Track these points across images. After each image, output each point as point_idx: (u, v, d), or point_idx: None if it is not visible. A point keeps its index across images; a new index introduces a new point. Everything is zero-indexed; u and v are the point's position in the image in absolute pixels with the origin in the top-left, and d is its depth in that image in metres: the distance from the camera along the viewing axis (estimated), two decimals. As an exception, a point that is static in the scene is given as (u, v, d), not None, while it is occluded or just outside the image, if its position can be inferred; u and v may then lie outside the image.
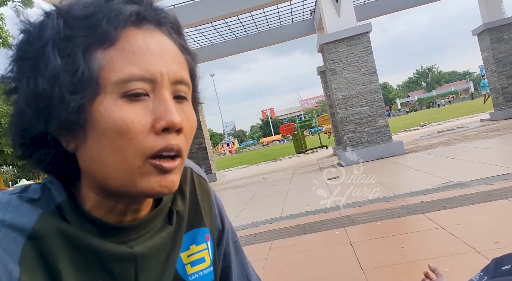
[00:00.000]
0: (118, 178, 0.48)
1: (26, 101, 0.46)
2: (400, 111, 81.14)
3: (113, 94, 0.46)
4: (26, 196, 0.49)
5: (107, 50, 0.46)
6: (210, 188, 0.74)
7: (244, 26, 14.92)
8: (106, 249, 0.51)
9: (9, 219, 0.46)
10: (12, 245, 0.45)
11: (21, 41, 0.47)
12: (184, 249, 0.64)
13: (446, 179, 5.34)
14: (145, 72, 0.46)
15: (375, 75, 10.06)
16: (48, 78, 0.44)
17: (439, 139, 11.77)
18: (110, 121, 0.45)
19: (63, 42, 0.45)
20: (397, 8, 15.37)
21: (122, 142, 0.46)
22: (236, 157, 37.23)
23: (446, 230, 3.21)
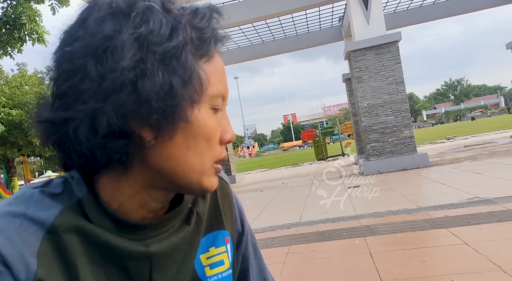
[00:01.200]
0: (190, 177, 0.52)
1: (156, 94, 0.46)
2: (425, 123, 79.43)
3: (207, 105, 0.51)
4: (48, 191, 0.50)
5: (206, 64, 0.51)
6: (231, 191, 0.74)
7: (272, 30, 14.98)
8: (122, 247, 0.51)
9: (30, 213, 0.47)
10: (32, 237, 0.46)
11: (147, 31, 0.46)
12: (203, 251, 0.64)
13: (472, 195, 5.19)
14: (225, 91, 0.54)
15: (402, 85, 9.90)
16: (184, 80, 0.47)
17: (466, 153, 11.45)
18: (203, 128, 0.50)
19: (192, 49, 0.49)
20: (428, 18, 15.12)
21: (206, 147, 0.52)
22: (255, 160, 37.28)
23: (470, 246, 3.13)
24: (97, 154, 0.48)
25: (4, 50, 7.45)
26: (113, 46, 0.45)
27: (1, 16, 7.26)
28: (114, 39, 0.45)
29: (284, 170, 17.70)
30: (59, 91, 0.48)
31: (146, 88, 0.45)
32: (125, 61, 0.44)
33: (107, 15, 0.46)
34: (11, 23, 7.22)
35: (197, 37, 0.49)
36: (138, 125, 0.47)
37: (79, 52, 0.46)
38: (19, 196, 0.49)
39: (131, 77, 0.45)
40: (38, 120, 0.50)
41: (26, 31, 7.27)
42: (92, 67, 0.45)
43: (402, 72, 9.89)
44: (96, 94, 0.45)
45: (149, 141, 0.48)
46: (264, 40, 15.88)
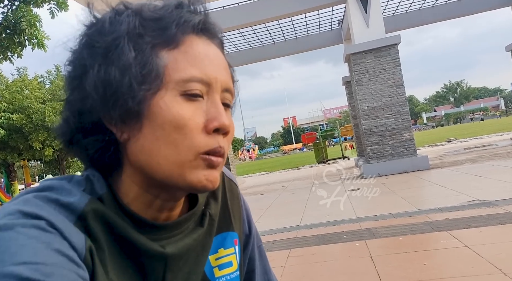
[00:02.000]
0: (168, 169, 0.50)
1: (95, 87, 0.48)
2: (425, 125, 79.44)
3: (174, 91, 0.49)
4: (73, 184, 0.52)
5: (171, 51, 0.50)
6: (240, 193, 0.74)
7: (271, 34, 15.02)
8: (140, 243, 0.52)
9: (63, 199, 0.48)
10: (66, 220, 0.47)
11: (93, 31, 0.50)
12: (212, 252, 0.64)
13: (472, 197, 5.19)
14: (204, 76, 0.51)
15: (402, 87, 9.92)
16: (120, 68, 0.48)
17: (466, 156, 11.44)
18: (169, 115, 0.48)
19: (136, 38, 0.49)
20: (427, 21, 15.16)
21: (177, 136, 0.49)
22: (256, 163, 37.27)
23: (471, 249, 3.12)
24: (78, 152, 0.53)
25: (4, 55, 7.47)
26: (72, 52, 0.52)
27: (2, 21, 7.29)
28: (78, 47, 0.52)
29: (284, 173, 17.68)
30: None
31: (88, 83, 0.48)
32: (71, 60, 0.51)
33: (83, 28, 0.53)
34: (11, 28, 7.25)
35: (154, 27, 0.50)
36: (108, 122, 0.50)
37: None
38: (47, 186, 0.50)
39: (75, 75, 0.50)
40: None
41: (26, 36, 7.30)
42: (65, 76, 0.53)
43: (402, 75, 9.90)
44: (64, 99, 0.53)
45: (121, 136, 0.50)
46: (264, 43, 15.92)
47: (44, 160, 21.71)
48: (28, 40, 7.41)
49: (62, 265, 0.42)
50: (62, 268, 0.41)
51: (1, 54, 7.39)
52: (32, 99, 18.32)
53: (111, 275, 0.49)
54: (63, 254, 0.43)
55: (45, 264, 0.41)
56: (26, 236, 0.42)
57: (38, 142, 18.30)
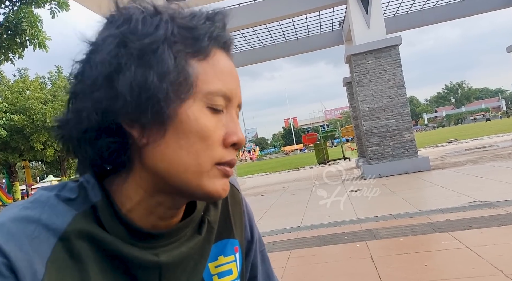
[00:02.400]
0: (187, 178, 0.50)
1: (130, 89, 0.47)
2: (427, 126, 79.38)
3: (201, 102, 0.50)
4: (63, 195, 0.51)
5: (201, 62, 0.50)
6: (242, 198, 0.73)
7: (272, 34, 15.03)
8: (133, 256, 0.51)
9: (44, 219, 0.47)
10: (43, 245, 0.46)
11: (125, 30, 0.48)
12: (212, 259, 0.63)
13: (473, 198, 5.18)
14: (227, 90, 0.52)
15: (403, 88, 9.91)
16: (159, 73, 0.47)
17: (467, 157, 11.43)
18: (195, 126, 0.49)
19: (173, 45, 0.49)
20: (428, 22, 15.16)
21: (200, 146, 0.50)
22: (256, 164, 37.27)
23: (472, 250, 3.12)
24: (90, 153, 0.50)
25: (6, 56, 7.49)
26: (94, 46, 0.49)
27: (3, 22, 7.30)
28: (101, 44, 0.48)
29: (285, 173, 17.68)
30: (69, 95, 0.52)
31: (121, 83, 0.46)
32: (101, 56, 0.47)
33: (104, 25, 0.50)
34: (13, 29, 7.26)
35: (187, 36, 0.50)
36: (128, 124, 0.49)
37: (84, 60, 0.50)
38: (35, 200, 0.50)
39: (107, 73, 0.47)
40: (55, 122, 0.53)
41: (27, 37, 7.31)
42: (77, 68, 0.50)
43: (403, 75, 9.90)
44: (81, 93, 0.49)
45: (141, 140, 0.49)
46: (265, 44, 15.93)
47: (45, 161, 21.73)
48: (29, 41, 7.42)
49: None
50: None
51: (3, 55, 7.41)
52: (33, 100, 18.35)
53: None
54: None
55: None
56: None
57: (39, 142, 18.33)
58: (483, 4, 14.10)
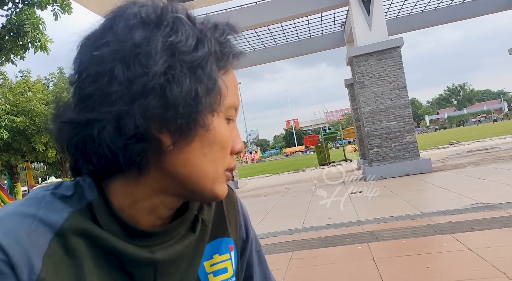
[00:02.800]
0: (204, 183, 0.53)
1: (184, 100, 0.48)
2: (428, 128, 79.26)
3: (222, 114, 0.53)
4: (59, 193, 0.51)
5: (223, 77, 0.53)
6: (237, 198, 0.73)
7: (274, 36, 15.05)
8: (128, 253, 0.52)
9: (41, 214, 0.48)
10: (40, 239, 0.47)
11: (177, 41, 0.49)
12: (207, 258, 0.64)
13: (475, 200, 5.16)
14: (237, 103, 0.57)
15: (405, 90, 9.90)
16: (208, 87, 0.50)
17: (469, 159, 11.40)
18: (219, 136, 0.53)
19: (214, 60, 0.52)
20: (430, 24, 15.15)
21: (220, 155, 0.54)
22: (258, 166, 37.24)
23: (474, 252, 3.10)
24: (119, 156, 0.49)
25: (7, 57, 7.51)
26: (144, 52, 0.47)
27: (5, 23, 7.33)
28: (145, 46, 0.47)
29: (287, 175, 17.66)
30: (84, 93, 0.48)
31: (173, 93, 0.47)
32: (157, 66, 0.47)
33: (137, 24, 0.48)
34: (15, 31, 7.28)
35: (217, 51, 0.52)
36: (158, 130, 0.49)
37: (107, 57, 0.47)
38: (31, 198, 0.50)
39: (161, 82, 0.47)
40: (62, 120, 0.51)
41: (29, 39, 7.33)
42: (120, 71, 0.46)
43: (405, 77, 9.89)
44: (124, 97, 0.47)
45: (168, 146, 0.50)
46: (267, 46, 15.95)
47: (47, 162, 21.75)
48: (31, 43, 7.44)
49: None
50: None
51: (4, 56, 7.43)
52: (35, 102, 18.39)
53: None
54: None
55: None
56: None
57: (41, 144, 18.35)
58: (485, 6, 14.09)
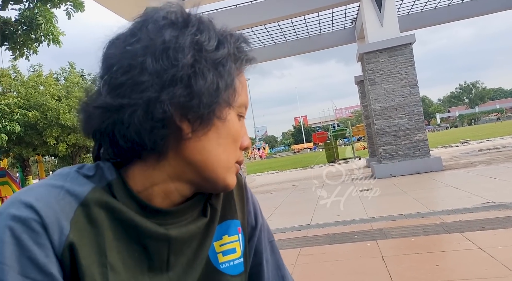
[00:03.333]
0: (217, 171, 0.59)
1: (207, 92, 0.54)
2: (439, 126, 78.41)
3: (235, 110, 0.61)
4: (82, 172, 0.57)
5: (237, 77, 0.60)
6: (245, 183, 0.76)
7: (284, 32, 14.97)
8: (145, 226, 0.56)
9: (67, 186, 0.53)
10: (67, 206, 0.52)
11: (202, 39, 0.56)
12: (217, 238, 0.67)
13: (486, 199, 5.10)
14: (247, 103, 0.64)
15: (416, 87, 9.79)
16: (227, 83, 0.57)
17: (480, 157, 11.26)
18: (232, 129, 0.60)
19: (233, 60, 0.59)
20: (442, 21, 14.95)
21: (232, 147, 0.61)
22: (266, 162, 37.24)
23: (485, 251, 3.07)
24: (144, 139, 0.54)
25: (21, 52, 7.60)
26: (173, 47, 0.53)
27: (18, 17, 7.40)
28: (174, 42, 0.54)
29: (295, 172, 17.64)
30: (116, 82, 0.54)
31: (198, 84, 0.54)
32: (186, 59, 0.53)
33: (166, 24, 0.56)
34: (27, 24, 7.36)
35: (235, 53, 0.59)
36: (180, 119, 0.55)
37: (139, 51, 0.54)
38: (58, 174, 0.56)
39: (189, 73, 0.53)
40: (95, 105, 0.55)
41: (42, 32, 7.40)
42: (150, 63, 0.53)
43: (416, 74, 9.78)
44: (154, 85, 0.53)
45: (187, 134, 0.56)
46: (276, 42, 15.88)
47: (58, 155, 22.01)
48: (44, 36, 7.51)
49: (26, 273, 0.48)
50: (25, 278, 0.47)
51: (18, 50, 7.52)
52: (47, 96, 18.59)
53: (112, 259, 0.53)
54: (33, 263, 0.48)
55: (11, 268, 0.47)
56: (9, 234, 0.48)
57: (52, 137, 18.57)
58: (498, 2, 13.83)
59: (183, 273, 0.61)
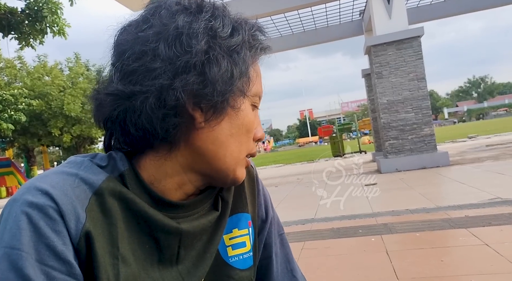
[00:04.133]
0: (228, 163, 0.58)
1: (221, 79, 0.53)
2: (446, 121, 77.81)
3: (249, 100, 0.59)
4: (95, 161, 0.56)
5: (252, 66, 0.59)
6: (257, 176, 0.76)
7: (290, 24, 14.84)
8: (157, 219, 0.55)
9: (82, 174, 0.53)
10: (82, 194, 0.51)
11: (216, 26, 0.54)
12: (227, 232, 0.67)
13: (493, 195, 5.04)
14: (261, 93, 0.62)
15: (424, 81, 9.66)
16: (241, 71, 0.55)
17: (488, 153, 11.14)
18: (245, 119, 0.58)
19: (248, 49, 0.57)
20: (452, 13, 14.69)
21: (244, 138, 0.59)
22: (270, 156, 37.23)
23: (490, 247, 3.03)
24: (156, 127, 0.53)
25: (27, 42, 7.60)
26: (186, 33, 0.52)
27: (24, 8, 7.40)
28: (187, 28, 0.52)
29: (300, 165, 17.61)
30: (128, 69, 0.53)
31: (212, 72, 0.52)
32: (200, 45, 0.52)
33: (179, 10, 0.54)
34: (33, 16, 7.35)
35: (250, 40, 0.58)
36: (192, 108, 0.54)
37: (152, 37, 0.52)
38: (71, 161, 0.56)
39: (203, 60, 0.52)
40: (107, 92, 0.54)
41: (48, 24, 7.39)
42: (163, 50, 0.52)
43: (424, 68, 9.64)
44: (166, 72, 0.51)
45: (200, 123, 0.55)
46: (283, 34, 15.75)
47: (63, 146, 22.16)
48: (50, 28, 7.50)
49: (44, 261, 0.46)
50: (43, 265, 0.46)
51: (24, 40, 7.52)
52: (52, 86, 18.66)
53: (123, 250, 0.52)
54: (51, 250, 0.47)
55: (29, 255, 0.46)
56: (26, 220, 0.47)
57: (56, 128, 18.69)
58: (510, -5, 13.57)
59: (192, 266, 0.60)
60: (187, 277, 0.59)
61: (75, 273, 0.48)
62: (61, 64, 21.58)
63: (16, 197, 0.49)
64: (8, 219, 0.48)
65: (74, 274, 0.48)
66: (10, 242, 0.46)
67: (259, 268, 0.73)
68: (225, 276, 0.65)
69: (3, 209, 0.50)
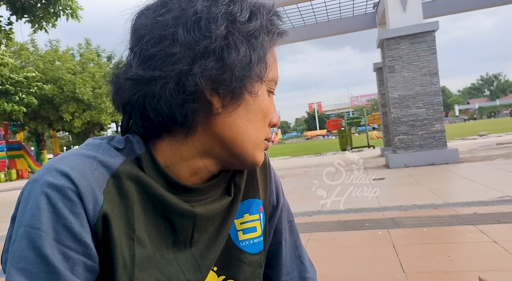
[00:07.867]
0: (246, 147, 0.58)
1: (240, 64, 0.52)
2: (457, 118, 76.92)
3: (265, 86, 0.59)
4: (113, 144, 0.56)
5: (269, 51, 0.58)
6: (269, 163, 0.75)
7: (303, 15, 14.69)
8: (172, 202, 0.56)
9: (100, 157, 0.53)
10: (100, 176, 0.52)
11: (234, 11, 0.54)
12: (238, 217, 0.68)
13: (503, 193, 4.99)
14: (277, 78, 0.62)
15: (437, 76, 9.53)
16: (259, 56, 0.55)
17: (498, 151, 11.01)
18: (262, 104, 0.58)
19: (266, 34, 0.57)
20: (468, 8, 14.39)
21: (261, 123, 0.59)
22: (278, 147, 37.20)
23: (499, 244, 3.01)
24: (175, 112, 0.53)
25: (40, 25, 7.62)
26: (205, 18, 0.52)
27: (38, -9, 7.40)
28: (206, 13, 0.52)
29: (307, 158, 17.59)
30: (147, 54, 0.53)
31: (231, 57, 0.52)
32: (219, 30, 0.52)
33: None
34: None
35: (267, 25, 0.57)
36: (210, 93, 0.54)
37: (170, 22, 0.52)
38: (90, 144, 0.56)
39: (222, 45, 0.52)
40: (126, 76, 0.54)
41: (61, 7, 7.40)
42: (182, 34, 0.52)
43: (437, 63, 9.50)
44: (186, 57, 0.51)
45: (217, 108, 0.55)
46: (295, 25, 15.61)
47: (73, 131, 22.34)
48: (63, 11, 7.51)
49: (61, 241, 0.48)
50: (60, 245, 0.48)
51: (37, 23, 7.54)
52: (63, 70, 18.77)
53: (139, 232, 0.54)
54: (68, 231, 0.48)
55: (47, 235, 0.47)
56: (45, 201, 0.48)
57: (68, 113, 18.84)
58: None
59: (205, 249, 0.61)
60: (200, 260, 0.60)
61: (91, 254, 0.50)
62: (72, 50, 21.67)
63: (36, 177, 0.50)
64: (29, 198, 0.49)
65: (89, 255, 0.50)
66: (30, 221, 0.48)
67: (269, 253, 0.74)
68: (235, 259, 0.66)
69: (24, 188, 0.52)
